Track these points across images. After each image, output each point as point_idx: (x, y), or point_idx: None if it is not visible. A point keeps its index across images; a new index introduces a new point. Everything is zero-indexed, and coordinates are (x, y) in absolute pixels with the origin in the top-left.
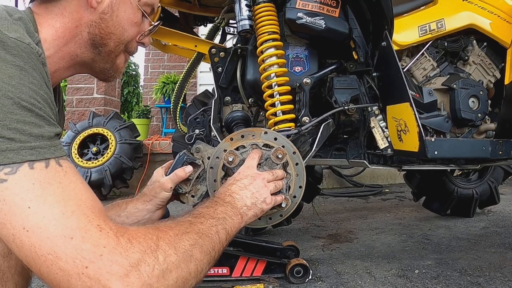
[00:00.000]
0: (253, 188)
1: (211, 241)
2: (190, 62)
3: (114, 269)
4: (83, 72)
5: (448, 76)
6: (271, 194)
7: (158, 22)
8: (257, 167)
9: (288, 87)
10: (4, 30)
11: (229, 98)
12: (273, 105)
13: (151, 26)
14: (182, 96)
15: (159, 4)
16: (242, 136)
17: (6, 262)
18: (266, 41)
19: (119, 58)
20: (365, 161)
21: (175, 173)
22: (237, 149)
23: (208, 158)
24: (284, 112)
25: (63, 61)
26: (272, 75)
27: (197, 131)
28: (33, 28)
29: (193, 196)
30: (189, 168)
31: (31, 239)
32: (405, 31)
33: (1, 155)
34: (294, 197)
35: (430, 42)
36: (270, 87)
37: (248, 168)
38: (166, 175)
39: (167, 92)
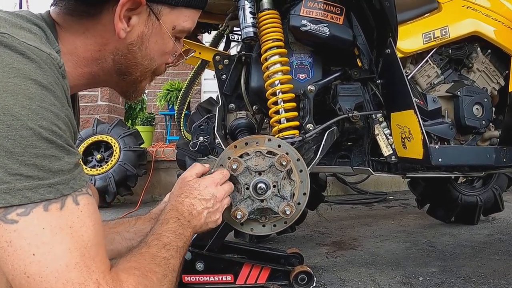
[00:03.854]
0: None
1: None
2: (194, 69)
3: None
4: (103, 86)
5: (452, 83)
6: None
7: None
8: (261, 174)
9: (292, 94)
10: (22, 39)
11: (233, 105)
12: (277, 112)
13: (182, 56)
14: (186, 103)
15: None
16: (246, 144)
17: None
18: (270, 48)
19: (144, 81)
20: (369, 169)
21: None
22: (241, 156)
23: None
24: (288, 119)
25: (82, 78)
26: (276, 82)
27: (201, 138)
28: (54, 37)
29: None
30: None
31: (31, 285)
32: (409, 38)
33: (18, 194)
34: (298, 204)
35: (434, 49)
36: (274, 94)
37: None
38: None
39: (171, 99)
